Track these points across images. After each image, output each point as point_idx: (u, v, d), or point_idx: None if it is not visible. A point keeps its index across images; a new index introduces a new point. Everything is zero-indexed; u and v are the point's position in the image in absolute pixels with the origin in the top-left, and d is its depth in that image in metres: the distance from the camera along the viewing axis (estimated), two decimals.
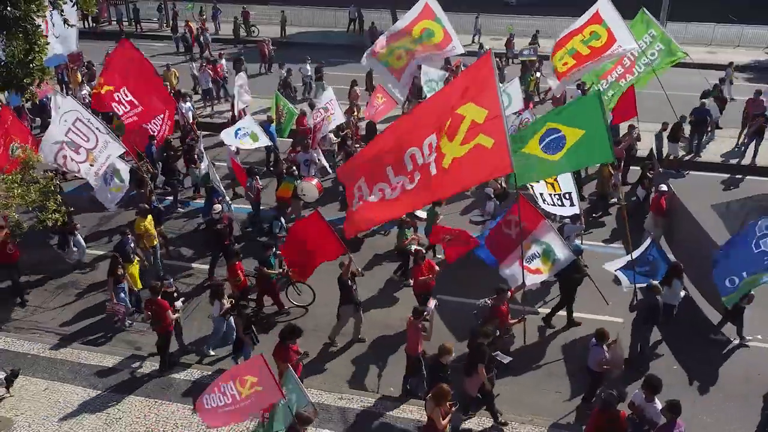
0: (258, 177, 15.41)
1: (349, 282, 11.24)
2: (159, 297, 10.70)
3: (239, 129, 16.28)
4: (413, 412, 9.97)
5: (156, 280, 11.73)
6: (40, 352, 11.45)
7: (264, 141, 16.57)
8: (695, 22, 31.98)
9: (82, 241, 13.78)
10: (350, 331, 11.80)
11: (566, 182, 12.59)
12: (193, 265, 14.24)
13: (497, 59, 24.25)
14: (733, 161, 18.60)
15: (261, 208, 15.48)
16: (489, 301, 10.60)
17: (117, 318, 12.15)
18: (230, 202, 14.54)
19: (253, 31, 33.97)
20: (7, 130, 14.50)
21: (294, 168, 15.74)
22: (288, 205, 15.39)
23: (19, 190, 9.73)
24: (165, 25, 33.08)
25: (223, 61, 24.20)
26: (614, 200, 15.74)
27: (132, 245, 12.61)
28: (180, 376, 10.86)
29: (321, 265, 11.69)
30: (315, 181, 15.38)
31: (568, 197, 12.58)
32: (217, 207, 13.60)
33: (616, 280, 12.05)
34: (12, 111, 15.85)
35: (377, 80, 21.78)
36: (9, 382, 10.34)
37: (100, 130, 13.78)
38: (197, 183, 16.93)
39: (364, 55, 17.46)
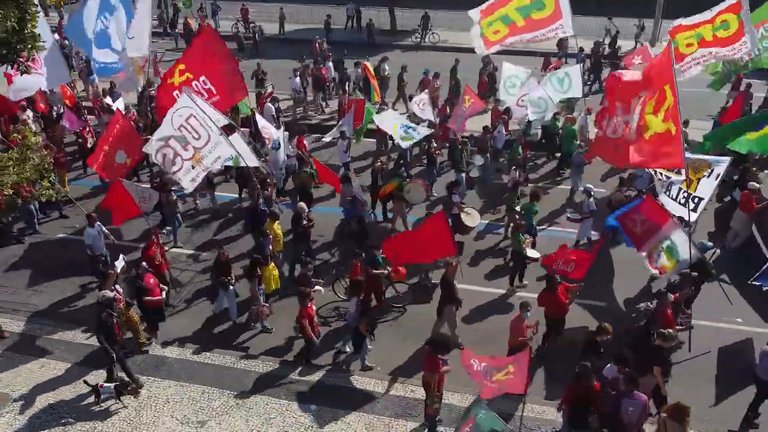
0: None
1: (454, 281, 11.23)
2: (307, 304, 10.70)
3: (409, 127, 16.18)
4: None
5: (302, 267, 11.88)
6: (36, 333, 11.99)
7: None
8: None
9: (234, 298, 12.46)
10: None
11: (706, 188, 12.01)
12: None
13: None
14: None
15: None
16: (651, 305, 10.53)
17: (257, 320, 12.08)
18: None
19: (253, 28, 33.70)
20: (117, 136, 14.26)
21: (403, 168, 15.77)
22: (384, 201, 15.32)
23: (15, 168, 10.23)
24: (165, 21, 32.66)
25: (330, 64, 23.73)
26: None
27: (271, 247, 12.43)
28: (173, 355, 11.42)
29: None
30: (421, 182, 15.15)
31: (696, 201, 12.09)
32: (302, 206, 13.51)
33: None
34: (124, 116, 15.35)
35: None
36: (120, 390, 10.20)
37: (213, 130, 13.21)
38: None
39: (473, 11, 16.67)
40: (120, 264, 11.63)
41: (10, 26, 9.17)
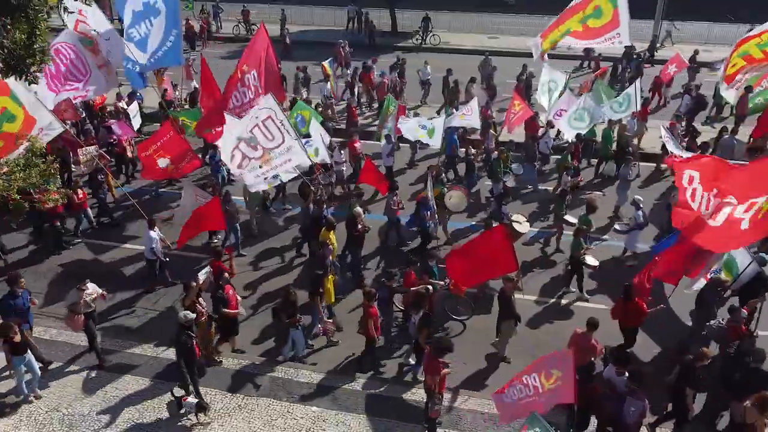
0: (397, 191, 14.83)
1: (512, 297, 11.07)
2: (373, 304, 10.59)
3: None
4: None
5: (383, 277, 11.69)
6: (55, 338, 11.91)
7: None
8: (691, 21, 32.76)
9: (303, 335, 11.52)
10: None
11: None
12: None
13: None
14: None
15: None
16: (722, 322, 10.27)
17: (323, 335, 11.75)
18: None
19: (254, 30, 33.93)
20: (163, 144, 14.23)
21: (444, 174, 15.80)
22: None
23: (21, 174, 10.28)
24: None
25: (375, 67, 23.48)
26: None
27: (331, 258, 12.19)
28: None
29: None
30: (462, 189, 15.05)
31: None
32: (358, 210, 13.38)
33: None
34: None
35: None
36: (200, 408, 9.96)
37: (290, 134, 13.20)
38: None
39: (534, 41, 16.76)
40: (203, 275, 11.36)
41: (20, 39, 9.30)
